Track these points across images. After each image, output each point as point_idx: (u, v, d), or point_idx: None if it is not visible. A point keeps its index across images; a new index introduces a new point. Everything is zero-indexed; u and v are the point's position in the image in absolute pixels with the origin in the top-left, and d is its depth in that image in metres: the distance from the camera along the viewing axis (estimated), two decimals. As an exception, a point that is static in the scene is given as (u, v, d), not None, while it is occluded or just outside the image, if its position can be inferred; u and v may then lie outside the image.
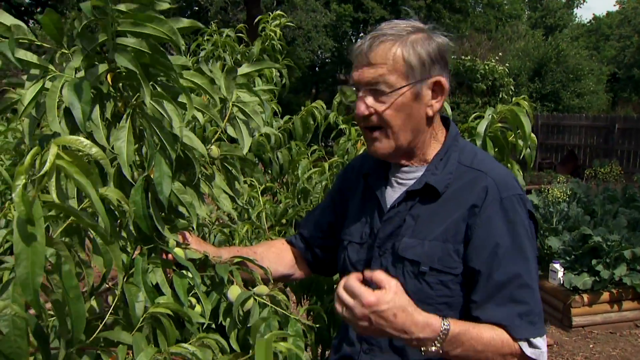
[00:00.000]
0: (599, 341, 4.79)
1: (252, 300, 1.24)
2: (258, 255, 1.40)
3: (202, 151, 1.17)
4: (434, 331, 1.18)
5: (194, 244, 1.36)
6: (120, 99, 1.03)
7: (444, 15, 23.38)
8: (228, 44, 3.00)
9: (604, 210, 5.93)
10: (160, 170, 1.05)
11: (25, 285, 0.75)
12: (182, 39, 1.09)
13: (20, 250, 0.74)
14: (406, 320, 1.15)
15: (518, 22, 30.74)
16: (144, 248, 1.15)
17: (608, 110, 23.51)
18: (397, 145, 1.36)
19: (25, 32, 0.94)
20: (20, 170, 0.76)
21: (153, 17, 0.95)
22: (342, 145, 2.29)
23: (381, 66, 1.31)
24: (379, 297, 1.14)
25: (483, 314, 1.30)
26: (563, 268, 5.09)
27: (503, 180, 1.35)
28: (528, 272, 1.31)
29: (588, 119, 14.13)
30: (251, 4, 15.12)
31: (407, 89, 1.32)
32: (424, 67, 1.32)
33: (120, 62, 0.91)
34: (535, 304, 1.31)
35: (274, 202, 2.44)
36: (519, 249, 1.31)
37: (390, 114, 1.33)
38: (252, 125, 1.39)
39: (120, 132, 1.03)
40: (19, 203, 0.71)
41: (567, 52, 18.70)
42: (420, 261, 1.33)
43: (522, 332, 1.28)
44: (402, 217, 1.39)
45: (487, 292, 1.30)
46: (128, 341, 1.04)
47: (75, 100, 0.92)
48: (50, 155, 0.81)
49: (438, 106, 1.37)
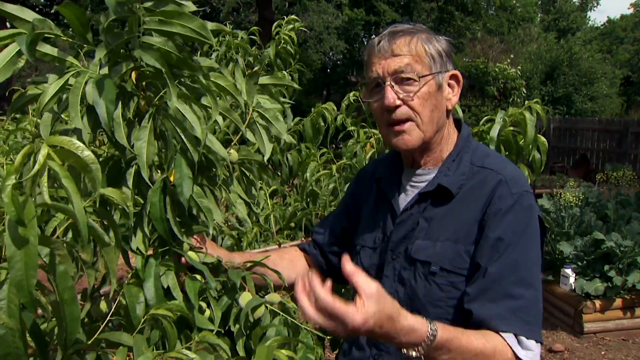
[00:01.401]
0: (610, 348, 4.72)
1: (263, 307, 1.22)
2: (270, 262, 1.38)
3: (223, 155, 1.15)
4: (419, 337, 1.11)
5: (208, 248, 1.34)
6: (143, 98, 1.02)
7: (456, 17, 23.30)
8: (241, 46, 3.00)
9: (617, 215, 5.85)
10: (181, 172, 1.04)
11: (20, 287, 0.73)
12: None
13: (13, 252, 0.72)
14: (391, 328, 1.08)
15: (530, 25, 30.56)
16: (158, 250, 1.14)
17: (621, 113, 23.32)
18: (426, 138, 1.36)
19: (51, 27, 0.92)
20: (10, 170, 0.74)
21: (181, 14, 0.95)
22: (350, 147, 2.27)
23: (406, 56, 1.32)
24: (365, 316, 1.02)
25: (475, 309, 1.24)
26: (575, 273, 5.03)
27: (514, 178, 1.34)
28: (528, 269, 1.26)
29: (601, 122, 14.00)
30: (263, 6, 15.15)
31: (432, 78, 1.33)
32: (442, 60, 1.35)
33: (147, 60, 0.90)
34: (533, 302, 1.25)
35: (283, 205, 2.43)
36: (521, 245, 1.27)
37: (420, 102, 1.33)
38: (272, 131, 1.38)
39: (142, 132, 1.02)
40: (9, 204, 0.69)
41: (580, 55, 18.56)
42: (431, 261, 1.31)
43: (512, 326, 1.22)
44: (415, 219, 1.38)
45: (482, 286, 1.25)
46: (129, 343, 1.03)
47: (99, 98, 0.91)
48: (40, 156, 0.79)
49: (455, 100, 1.40)
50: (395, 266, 1.38)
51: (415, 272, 1.34)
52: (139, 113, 1.06)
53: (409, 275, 1.35)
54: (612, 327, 4.91)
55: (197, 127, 1.03)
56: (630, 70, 29.71)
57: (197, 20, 0.96)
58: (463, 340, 1.16)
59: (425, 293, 1.31)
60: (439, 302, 1.31)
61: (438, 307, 1.30)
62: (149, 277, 1.10)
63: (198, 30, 0.98)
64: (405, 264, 1.36)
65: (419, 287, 1.32)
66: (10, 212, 0.69)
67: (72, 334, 0.82)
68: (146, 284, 1.09)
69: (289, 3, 20.01)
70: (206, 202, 1.15)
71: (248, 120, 1.35)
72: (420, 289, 1.32)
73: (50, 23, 0.94)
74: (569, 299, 4.97)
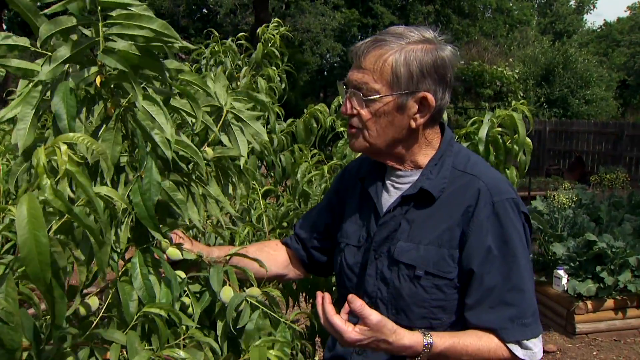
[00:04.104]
0: (602, 349, 4.76)
1: (244, 302, 1.25)
2: (250, 255, 1.42)
3: (196, 152, 1.18)
4: (415, 351, 1.27)
5: (186, 244, 1.38)
6: (110, 101, 1.04)
7: (453, 20, 23.36)
8: (230, 49, 3.03)
9: (610, 216, 5.89)
10: (150, 176, 1.05)
11: (37, 280, 0.78)
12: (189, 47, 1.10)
13: (28, 250, 0.76)
14: (388, 347, 1.26)
15: (527, 28, 30.64)
16: (139, 248, 1.16)
17: (617, 117, 23.37)
18: (371, 146, 1.39)
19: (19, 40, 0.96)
20: (40, 171, 0.80)
21: (141, 16, 0.95)
22: (340, 148, 2.30)
23: (368, 72, 1.32)
24: (360, 337, 1.23)
25: (474, 318, 1.34)
26: (567, 274, 5.07)
27: (495, 184, 1.37)
28: (519, 276, 1.32)
29: (596, 125, 14.06)
30: (259, 8, 15.17)
31: (391, 100, 1.33)
32: (411, 80, 1.31)
33: (109, 62, 0.92)
34: (528, 306, 1.33)
35: (276, 205, 2.45)
36: (510, 253, 1.32)
37: (370, 119, 1.35)
38: (250, 132, 1.40)
39: (107, 133, 1.03)
40: (55, 200, 0.74)
41: (575, 57, 18.61)
42: (416, 265, 1.35)
43: (513, 334, 1.32)
44: (397, 221, 1.40)
45: (479, 296, 1.33)
46: (121, 341, 1.05)
47: (61, 107, 0.93)
48: (62, 155, 0.83)
49: (422, 121, 1.36)
50: (377, 265, 1.42)
51: (399, 273, 1.37)
52: (108, 116, 1.07)
53: (391, 275, 1.38)
54: (604, 327, 4.95)
55: (167, 127, 1.04)
56: (627, 74, 29.78)
57: (158, 20, 0.96)
58: (459, 347, 1.30)
59: (411, 294, 1.35)
60: (424, 303, 1.35)
61: (422, 307, 1.36)
62: (136, 276, 1.13)
63: (160, 30, 0.97)
64: (387, 264, 1.40)
65: (403, 287, 1.36)
66: (61, 207, 0.77)
67: (60, 322, 0.86)
68: (135, 282, 1.11)
69: (285, 5, 20.03)
70: (180, 196, 1.16)
71: (222, 122, 1.37)
72: (405, 289, 1.36)
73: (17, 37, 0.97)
74: (561, 299, 5.01)
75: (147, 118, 1.02)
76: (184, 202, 1.13)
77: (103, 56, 0.92)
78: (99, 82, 0.96)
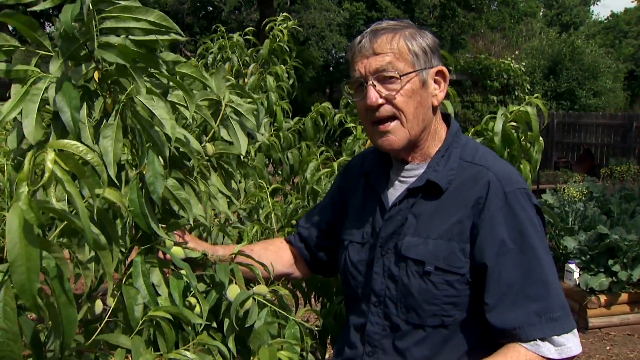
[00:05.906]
0: (616, 343, 4.71)
1: (251, 300, 1.22)
2: (255, 254, 1.38)
3: (197, 148, 1.15)
4: None
5: (191, 243, 1.35)
6: (109, 97, 1.01)
7: (458, 13, 23.22)
8: (237, 45, 2.99)
9: (621, 209, 5.83)
10: (153, 169, 1.02)
11: (23, 291, 0.74)
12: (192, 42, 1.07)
13: (15, 257, 0.72)
14: None
15: (533, 20, 30.46)
16: (142, 248, 1.13)
17: (626, 108, 23.19)
18: (411, 136, 1.34)
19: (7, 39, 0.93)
20: (21, 177, 0.75)
21: (137, 8, 0.93)
22: (349, 144, 2.27)
23: (388, 54, 1.31)
24: None
25: (497, 320, 1.26)
26: (579, 268, 5.01)
27: (505, 174, 1.32)
28: (540, 267, 1.26)
29: (605, 117, 13.95)
30: (264, 4, 15.13)
31: (415, 75, 1.32)
32: (426, 56, 1.33)
33: (108, 58, 0.89)
34: (555, 299, 1.26)
35: (284, 203, 2.43)
36: (527, 245, 1.27)
37: (403, 100, 1.31)
38: (248, 125, 1.37)
39: (108, 130, 1.00)
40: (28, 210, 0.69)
41: (582, 49, 18.46)
42: (425, 261, 1.31)
43: (542, 330, 1.24)
44: (404, 215, 1.37)
45: (499, 294, 1.26)
46: (127, 345, 1.03)
47: (63, 103, 0.90)
48: (47, 162, 0.80)
49: (442, 96, 1.38)
50: (384, 262, 1.37)
51: (407, 270, 1.33)
52: (107, 112, 1.05)
53: (400, 272, 1.34)
54: (617, 322, 4.90)
55: (167, 122, 1.01)
56: (635, 65, 29.55)
57: (155, 12, 0.95)
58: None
59: (420, 291, 1.30)
60: (435, 300, 1.31)
61: (433, 304, 1.30)
62: (137, 277, 1.10)
63: (157, 22, 0.95)
64: (395, 261, 1.35)
65: (412, 284, 1.31)
66: (32, 219, 0.70)
67: (69, 337, 0.82)
68: (136, 283, 1.08)
69: (290, 1, 19.99)
70: (184, 194, 1.14)
71: (221, 116, 1.34)
72: (414, 286, 1.31)
73: (5, 36, 0.94)
74: (574, 294, 4.95)
75: (146, 113, 0.99)
76: (187, 202, 1.10)
77: (100, 51, 0.89)
78: (97, 78, 0.93)
